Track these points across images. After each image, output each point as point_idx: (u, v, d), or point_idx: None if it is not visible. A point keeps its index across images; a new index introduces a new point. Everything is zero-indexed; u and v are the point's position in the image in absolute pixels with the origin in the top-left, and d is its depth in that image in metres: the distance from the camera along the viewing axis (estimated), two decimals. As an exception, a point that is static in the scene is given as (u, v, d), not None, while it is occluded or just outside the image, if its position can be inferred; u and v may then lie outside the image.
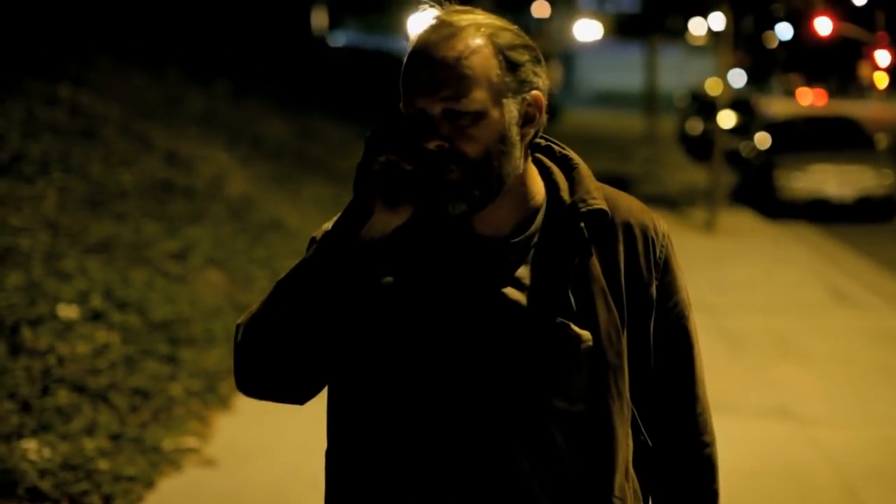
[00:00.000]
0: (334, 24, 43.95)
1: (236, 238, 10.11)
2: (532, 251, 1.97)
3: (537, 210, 1.99)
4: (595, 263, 1.97)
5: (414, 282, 1.94)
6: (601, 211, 1.98)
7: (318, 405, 2.11)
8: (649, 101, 34.38)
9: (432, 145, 1.84)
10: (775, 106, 41.30)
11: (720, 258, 13.24)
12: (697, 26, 54.25)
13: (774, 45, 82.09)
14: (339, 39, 42.77)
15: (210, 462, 5.71)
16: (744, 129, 24.70)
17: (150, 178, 10.51)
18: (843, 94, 78.01)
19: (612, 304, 1.97)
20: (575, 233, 1.96)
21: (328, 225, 1.96)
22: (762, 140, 20.44)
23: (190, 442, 5.91)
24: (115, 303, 7.18)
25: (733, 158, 22.76)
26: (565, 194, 2.00)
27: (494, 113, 1.87)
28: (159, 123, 12.97)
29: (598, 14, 51.32)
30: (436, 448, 1.93)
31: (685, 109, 36.32)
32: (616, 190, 2.08)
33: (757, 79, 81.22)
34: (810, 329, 9.38)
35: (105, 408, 5.87)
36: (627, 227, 2.03)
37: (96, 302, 7.02)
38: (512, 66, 1.90)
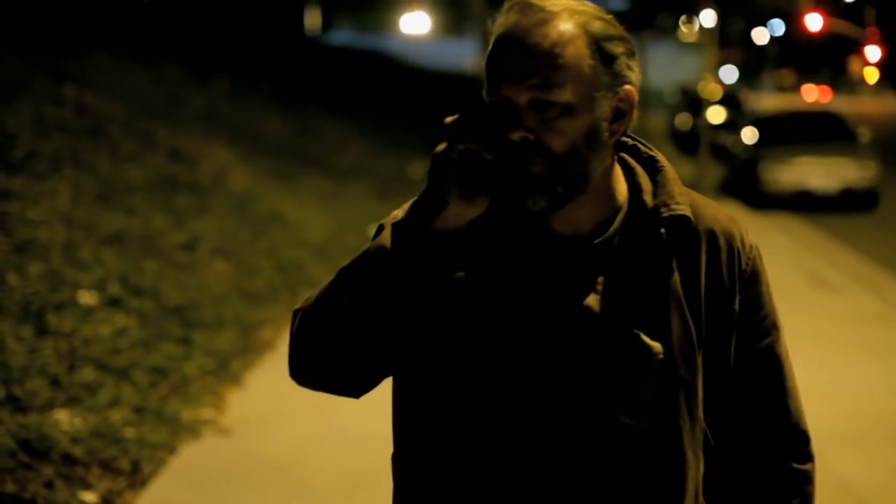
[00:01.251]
0: (327, 23, 44.28)
1: (240, 230, 10.56)
2: (610, 255, 1.86)
3: (618, 211, 1.88)
4: (674, 272, 1.86)
5: (487, 278, 1.84)
6: (684, 217, 1.87)
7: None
8: (639, 97, 34.87)
9: (516, 136, 1.73)
10: (766, 102, 41.66)
11: (705, 247, 13.67)
12: (689, 23, 54.70)
13: (765, 41, 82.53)
14: (334, 39, 43.07)
15: (225, 431, 6.17)
16: (733, 125, 25.20)
17: (156, 174, 10.95)
18: (834, 89, 78.57)
19: (688, 316, 1.86)
20: (655, 238, 1.86)
21: (398, 213, 1.87)
22: (748, 134, 20.92)
23: (206, 414, 6.37)
24: (131, 290, 7.64)
25: (723, 153, 23.23)
26: (648, 197, 1.90)
27: (584, 107, 1.77)
28: (161, 122, 13.39)
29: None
30: (499, 454, 1.84)
31: (675, 105, 36.77)
32: (703, 197, 1.97)
33: (749, 75, 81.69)
34: (788, 311, 9.74)
35: (127, 384, 6.33)
36: (711, 236, 1.91)
37: (113, 289, 7.48)
38: (606, 59, 1.79)
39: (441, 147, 1.71)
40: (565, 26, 1.76)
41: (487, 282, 1.84)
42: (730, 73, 72.31)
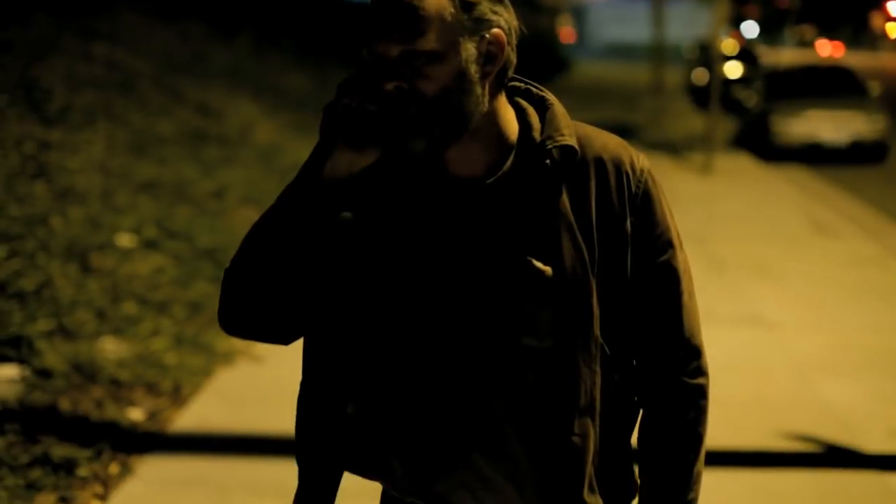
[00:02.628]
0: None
1: (266, 179, 11.06)
2: (503, 190, 1.98)
3: (511, 150, 1.99)
4: (564, 200, 1.97)
5: (387, 219, 1.99)
6: (569, 147, 1.98)
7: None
8: (657, 52, 35.17)
9: (390, 86, 1.88)
10: (785, 57, 41.77)
11: (713, 196, 14.12)
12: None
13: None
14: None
15: (257, 358, 6.68)
16: (749, 80, 25.51)
17: (185, 127, 11.46)
18: (855, 44, 78.45)
19: (579, 239, 1.96)
20: (543, 170, 1.97)
21: None
22: (761, 88, 21.25)
23: (239, 344, 6.88)
24: (166, 233, 8.17)
25: (738, 108, 23.55)
26: (537, 133, 2.00)
27: (450, 52, 1.88)
28: (188, 77, 13.86)
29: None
30: (407, 387, 1.99)
31: (693, 60, 37.00)
32: (595, 128, 2.08)
33: (770, 30, 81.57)
34: (788, 255, 10.31)
35: (166, 317, 6.85)
36: (599, 163, 2.01)
37: (149, 232, 8.02)
38: (466, 6, 1.90)
39: (330, 103, 1.92)
40: None
41: (387, 222, 1.99)
42: (750, 29, 72.26)
